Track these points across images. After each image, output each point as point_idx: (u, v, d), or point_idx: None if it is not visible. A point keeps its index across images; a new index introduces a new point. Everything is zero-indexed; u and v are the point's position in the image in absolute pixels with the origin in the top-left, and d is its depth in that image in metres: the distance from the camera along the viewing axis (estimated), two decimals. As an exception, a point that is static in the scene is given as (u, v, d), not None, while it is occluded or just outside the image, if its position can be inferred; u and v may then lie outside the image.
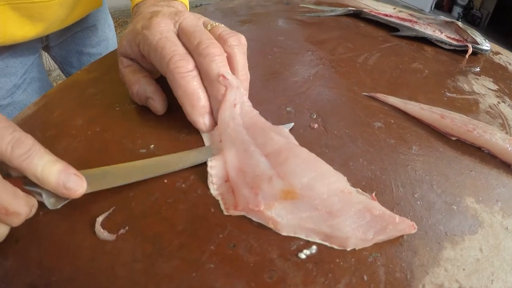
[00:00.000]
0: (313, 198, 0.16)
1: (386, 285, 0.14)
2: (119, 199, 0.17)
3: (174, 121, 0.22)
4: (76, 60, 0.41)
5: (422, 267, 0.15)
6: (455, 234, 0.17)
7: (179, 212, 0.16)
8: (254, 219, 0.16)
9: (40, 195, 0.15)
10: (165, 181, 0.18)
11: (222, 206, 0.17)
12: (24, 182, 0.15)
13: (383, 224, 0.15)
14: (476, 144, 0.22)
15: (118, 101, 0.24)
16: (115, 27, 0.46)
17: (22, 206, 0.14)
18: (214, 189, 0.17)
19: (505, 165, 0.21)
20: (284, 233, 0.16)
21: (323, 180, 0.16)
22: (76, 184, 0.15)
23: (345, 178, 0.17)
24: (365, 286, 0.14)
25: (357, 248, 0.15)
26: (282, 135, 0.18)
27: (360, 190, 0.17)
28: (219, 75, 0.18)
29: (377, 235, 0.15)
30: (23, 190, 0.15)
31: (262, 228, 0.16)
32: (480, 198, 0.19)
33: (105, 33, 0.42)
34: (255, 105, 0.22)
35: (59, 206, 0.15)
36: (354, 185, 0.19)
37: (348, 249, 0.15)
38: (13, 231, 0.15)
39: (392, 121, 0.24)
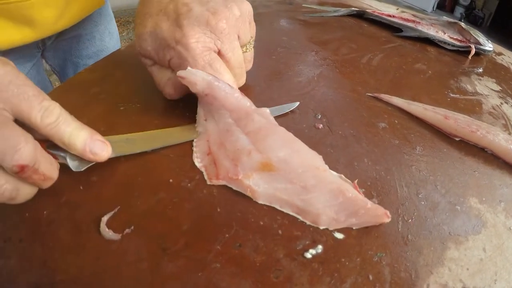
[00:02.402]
0: (288, 172, 0.17)
1: (391, 285, 0.14)
2: (124, 198, 0.17)
3: (179, 120, 0.22)
4: (71, 72, 0.38)
5: (426, 267, 0.15)
6: (459, 234, 0.17)
7: (185, 212, 0.17)
8: (234, 188, 0.17)
9: (64, 158, 0.16)
10: (170, 180, 0.18)
11: (206, 177, 0.18)
12: (47, 145, 0.15)
13: (355, 207, 0.16)
14: (480, 145, 0.22)
15: (123, 100, 0.24)
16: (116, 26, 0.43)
17: (55, 172, 0.15)
18: (198, 162, 0.19)
19: (508, 166, 0.21)
20: (260, 201, 0.17)
21: (299, 156, 0.17)
22: (101, 149, 0.16)
23: (321, 157, 0.18)
24: (370, 286, 0.14)
25: (330, 228, 0.16)
26: (263, 116, 0.19)
27: (343, 177, 0.18)
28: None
29: (349, 218, 0.16)
30: (47, 152, 0.15)
31: (268, 228, 0.16)
32: (484, 199, 0.19)
33: (104, 42, 0.38)
34: (260, 105, 0.22)
35: (82, 169, 0.16)
36: (359, 185, 0.19)
37: (321, 227, 0.16)
38: (16, 230, 0.15)
39: (396, 121, 0.24)
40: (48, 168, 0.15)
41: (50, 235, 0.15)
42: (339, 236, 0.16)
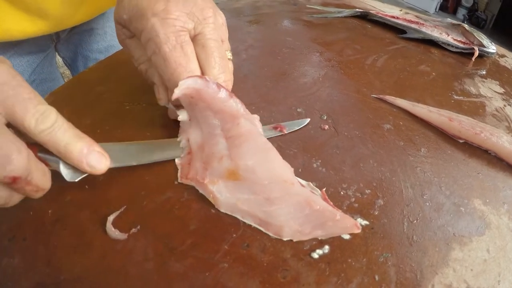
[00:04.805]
0: (254, 183, 0.16)
1: (397, 285, 0.15)
2: (130, 198, 0.17)
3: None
4: (82, 65, 0.39)
5: (431, 267, 0.15)
6: (463, 235, 0.17)
7: (192, 211, 0.17)
8: (200, 191, 0.17)
9: (57, 164, 0.14)
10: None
11: (179, 175, 0.18)
12: (39, 149, 0.14)
13: (322, 219, 0.15)
14: (483, 147, 0.22)
15: (127, 99, 0.23)
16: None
17: (48, 182, 0.14)
18: (177, 159, 0.19)
19: (511, 168, 0.21)
20: (222, 210, 0.16)
21: (268, 166, 0.16)
22: (99, 162, 0.15)
23: (292, 170, 0.17)
24: (376, 286, 0.14)
25: (294, 240, 0.15)
26: (251, 121, 0.18)
27: (311, 185, 0.17)
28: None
29: (315, 230, 0.15)
30: (38, 157, 0.14)
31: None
32: (487, 200, 0.19)
33: (114, 39, 0.38)
34: (266, 106, 0.22)
35: (77, 180, 0.15)
36: (365, 186, 0.19)
37: (284, 239, 0.15)
38: (21, 229, 0.15)
39: (401, 123, 0.24)
40: (41, 179, 0.14)
41: (55, 234, 0.15)
42: (346, 236, 0.16)
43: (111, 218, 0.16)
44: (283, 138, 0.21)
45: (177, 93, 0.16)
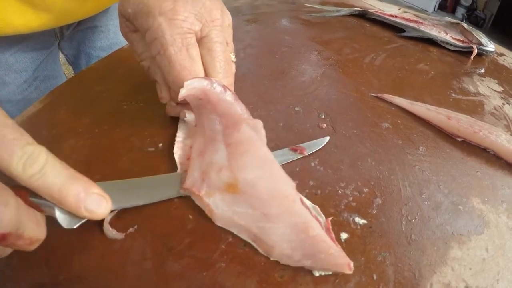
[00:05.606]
0: (253, 197, 0.15)
1: (395, 284, 0.15)
2: (128, 197, 0.17)
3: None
4: (84, 63, 0.39)
5: (429, 266, 0.15)
6: (462, 234, 0.17)
7: (189, 211, 0.17)
8: (195, 202, 0.16)
9: (52, 208, 0.13)
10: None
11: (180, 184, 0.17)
12: (30, 193, 0.13)
13: (315, 249, 0.14)
14: (482, 146, 0.22)
15: (126, 98, 0.23)
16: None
17: (43, 231, 0.13)
18: (178, 168, 0.18)
19: (510, 167, 0.21)
20: (218, 224, 0.16)
21: (268, 181, 0.15)
22: (98, 205, 0.13)
23: (294, 185, 0.16)
24: (374, 285, 0.14)
25: (281, 262, 0.15)
26: (253, 128, 0.17)
27: (318, 209, 0.16)
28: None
29: (305, 259, 0.14)
30: (29, 203, 0.13)
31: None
32: (486, 199, 0.19)
33: (118, 36, 0.39)
34: (264, 105, 0.22)
35: (75, 226, 0.13)
36: (363, 185, 0.19)
37: (272, 259, 0.15)
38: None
39: (399, 121, 0.24)
40: (34, 230, 0.12)
41: (53, 234, 0.15)
42: (344, 235, 0.16)
43: (108, 217, 0.16)
44: (280, 136, 0.21)
45: (183, 93, 0.16)
